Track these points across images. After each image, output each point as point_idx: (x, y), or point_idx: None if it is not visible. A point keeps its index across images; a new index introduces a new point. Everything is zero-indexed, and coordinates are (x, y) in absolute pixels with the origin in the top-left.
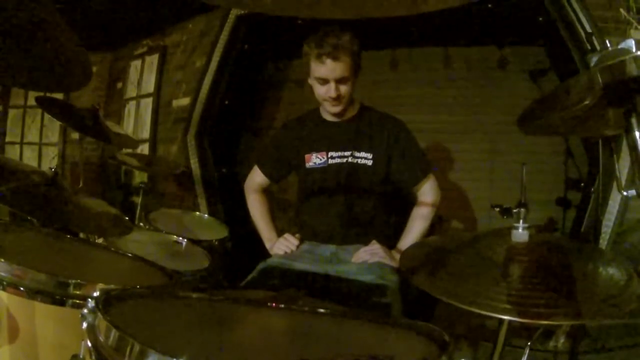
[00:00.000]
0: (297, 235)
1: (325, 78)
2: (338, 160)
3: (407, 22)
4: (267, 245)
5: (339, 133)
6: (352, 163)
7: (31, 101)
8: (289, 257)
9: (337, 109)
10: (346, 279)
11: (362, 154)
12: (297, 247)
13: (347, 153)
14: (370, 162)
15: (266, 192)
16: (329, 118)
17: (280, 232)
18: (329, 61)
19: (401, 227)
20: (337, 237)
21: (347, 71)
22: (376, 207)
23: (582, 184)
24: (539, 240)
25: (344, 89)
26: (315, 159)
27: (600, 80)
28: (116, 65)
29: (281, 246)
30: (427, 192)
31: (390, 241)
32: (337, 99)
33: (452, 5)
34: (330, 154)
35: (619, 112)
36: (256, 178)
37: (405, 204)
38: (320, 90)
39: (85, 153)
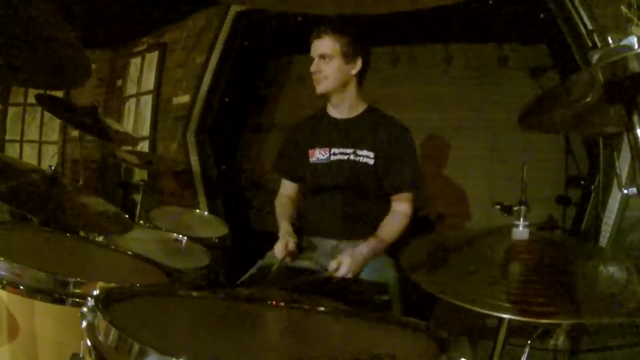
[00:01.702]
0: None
1: (312, 56)
2: (340, 157)
3: (407, 19)
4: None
5: (343, 130)
6: (354, 160)
7: (31, 99)
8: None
9: (319, 87)
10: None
11: (364, 152)
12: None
13: (350, 150)
14: (371, 161)
15: (294, 200)
16: (334, 115)
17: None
18: (314, 41)
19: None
20: (338, 232)
21: (327, 48)
22: (376, 204)
23: (583, 182)
24: (539, 238)
25: (325, 65)
26: (318, 155)
27: (602, 78)
28: (116, 63)
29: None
30: (405, 202)
31: None
32: (318, 74)
33: (452, 2)
34: (332, 150)
35: (620, 109)
36: (282, 189)
37: None
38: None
39: (85, 151)
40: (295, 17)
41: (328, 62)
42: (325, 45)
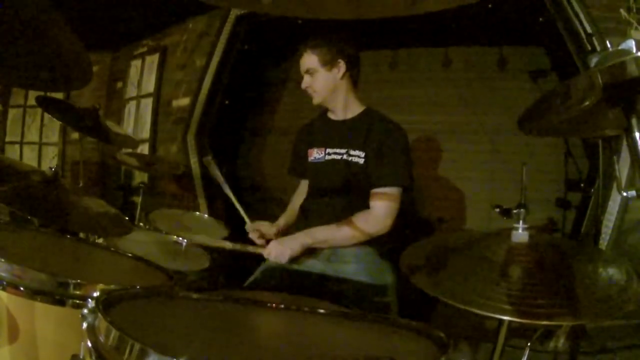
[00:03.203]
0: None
1: (302, 75)
2: (334, 157)
3: (406, 22)
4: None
5: (338, 131)
6: (347, 160)
7: (31, 101)
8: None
9: (314, 100)
10: (345, 279)
11: (356, 152)
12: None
13: (343, 151)
14: (362, 161)
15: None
16: (331, 117)
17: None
18: (299, 61)
19: (398, 226)
20: None
21: (309, 63)
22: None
23: (582, 185)
24: (538, 241)
25: (312, 80)
26: (315, 154)
27: (601, 81)
28: (116, 65)
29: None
30: (380, 201)
31: (386, 239)
32: (309, 89)
33: (451, 6)
34: (327, 150)
35: (619, 112)
36: (297, 190)
37: (402, 204)
38: None
39: (85, 153)
40: (295, 21)
41: (313, 75)
42: (306, 61)
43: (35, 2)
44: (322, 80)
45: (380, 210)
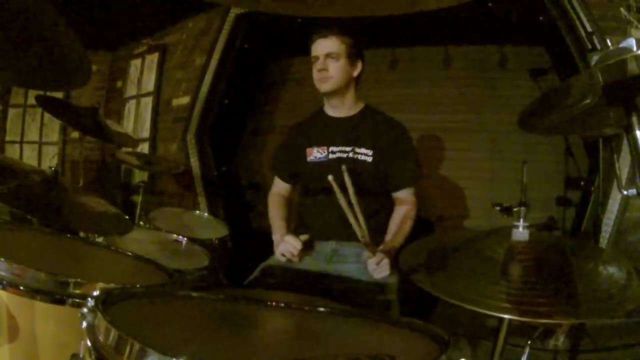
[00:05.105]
0: (302, 236)
1: (316, 55)
2: (339, 155)
3: (407, 21)
4: (274, 239)
5: (341, 129)
6: (353, 158)
7: (31, 100)
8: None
9: (324, 86)
10: (346, 277)
11: (363, 150)
12: (301, 250)
13: (349, 148)
14: (370, 159)
15: (287, 200)
16: (332, 114)
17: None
18: (319, 40)
19: None
20: (337, 234)
21: (334, 47)
22: (376, 203)
23: (583, 183)
24: (539, 239)
25: (331, 65)
26: (316, 153)
27: (601, 80)
28: (116, 64)
29: (283, 250)
30: (409, 196)
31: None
32: (324, 73)
33: (452, 4)
34: (331, 148)
35: (620, 111)
36: (275, 187)
37: None
38: (314, 71)
39: (85, 152)
40: (295, 19)
41: (334, 61)
42: (332, 44)
43: (35, 1)
44: (343, 69)
45: (414, 206)
